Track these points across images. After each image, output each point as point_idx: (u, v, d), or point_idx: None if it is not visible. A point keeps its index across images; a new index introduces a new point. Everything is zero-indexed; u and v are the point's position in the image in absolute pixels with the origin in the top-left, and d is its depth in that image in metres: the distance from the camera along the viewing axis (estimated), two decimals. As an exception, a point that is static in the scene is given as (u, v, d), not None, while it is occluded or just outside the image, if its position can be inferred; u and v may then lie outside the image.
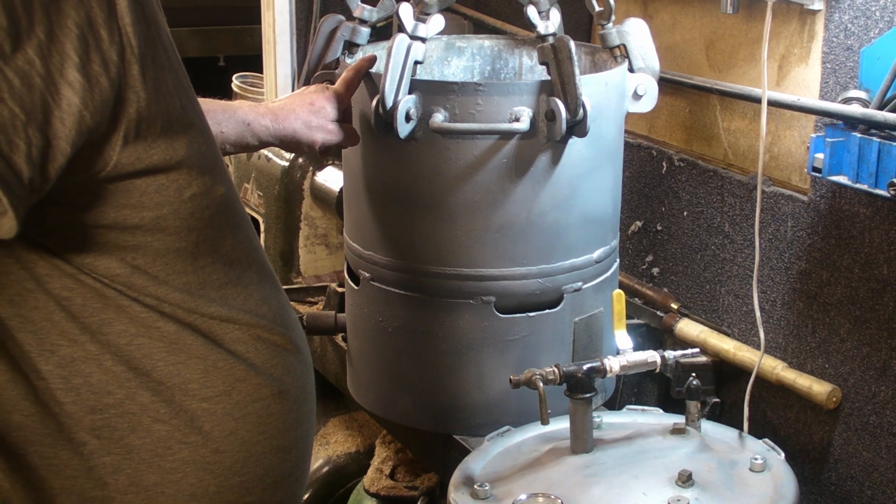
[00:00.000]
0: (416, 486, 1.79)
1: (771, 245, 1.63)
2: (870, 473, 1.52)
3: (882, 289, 1.45)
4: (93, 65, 0.79)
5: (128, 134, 0.83)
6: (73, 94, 0.78)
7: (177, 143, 0.87)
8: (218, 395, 0.94)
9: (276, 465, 1.00)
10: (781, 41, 1.57)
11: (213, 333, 0.94)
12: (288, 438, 1.01)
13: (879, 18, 1.41)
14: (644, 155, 1.89)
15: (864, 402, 1.51)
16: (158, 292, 0.90)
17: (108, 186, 0.85)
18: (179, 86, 0.89)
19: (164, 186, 0.88)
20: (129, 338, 0.90)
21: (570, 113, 1.37)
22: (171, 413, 0.92)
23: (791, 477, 1.28)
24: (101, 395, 0.90)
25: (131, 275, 0.89)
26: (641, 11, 1.84)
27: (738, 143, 1.70)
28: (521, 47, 1.78)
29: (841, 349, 1.54)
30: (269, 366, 0.98)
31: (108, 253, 0.88)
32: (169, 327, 0.91)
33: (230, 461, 0.95)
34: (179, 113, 0.88)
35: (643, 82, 1.55)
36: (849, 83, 1.45)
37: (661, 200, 1.86)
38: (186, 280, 0.92)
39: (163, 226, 0.89)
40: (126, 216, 0.87)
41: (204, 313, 0.93)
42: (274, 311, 1.00)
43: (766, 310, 1.64)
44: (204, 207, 0.91)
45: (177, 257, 0.91)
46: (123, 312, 0.90)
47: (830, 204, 1.52)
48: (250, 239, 1.00)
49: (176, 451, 0.93)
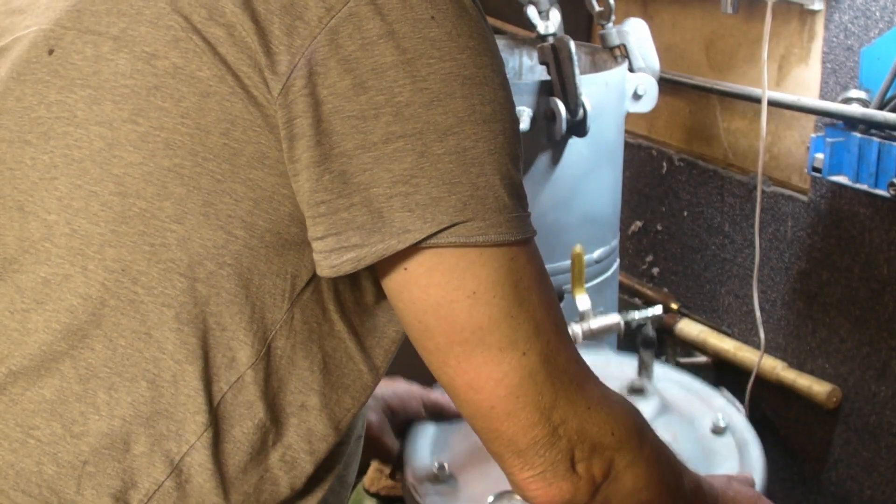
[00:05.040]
0: (416, 486, 1.79)
1: (771, 245, 1.63)
2: (870, 473, 1.52)
3: (882, 289, 1.45)
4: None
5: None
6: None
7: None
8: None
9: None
10: (781, 41, 1.57)
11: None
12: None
13: (879, 18, 1.41)
14: (644, 155, 1.89)
15: (864, 402, 1.51)
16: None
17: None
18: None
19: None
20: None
21: (570, 113, 1.37)
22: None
23: (753, 437, 1.25)
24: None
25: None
26: (641, 11, 1.84)
27: (738, 143, 1.70)
28: (521, 47, 1.78)
29: (841, 349, 1.54)
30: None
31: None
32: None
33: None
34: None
35: (643, 82, 1.55)
36: (849, 83, 1.45)
37: (661, 200, 1.86)
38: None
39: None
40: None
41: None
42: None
43: (766, 310, 1.64)
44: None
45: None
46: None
47: (830, 204, 1.52)
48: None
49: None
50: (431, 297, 0.73)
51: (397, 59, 0.69)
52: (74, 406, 0.76)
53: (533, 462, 0.77)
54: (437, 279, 0.72)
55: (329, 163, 0.70)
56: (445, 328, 0.73)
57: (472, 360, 0.74)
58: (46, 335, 0.76)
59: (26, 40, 0.81)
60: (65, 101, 0.76)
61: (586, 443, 0.78)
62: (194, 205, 0.73)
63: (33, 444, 0.77)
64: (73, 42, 0.77)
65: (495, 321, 0.73)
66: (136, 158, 0.73)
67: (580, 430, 0.77)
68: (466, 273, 0.72)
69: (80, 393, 0.76)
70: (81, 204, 0.74)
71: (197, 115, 0.72)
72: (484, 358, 0.74)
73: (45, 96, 0.77)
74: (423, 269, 0.72)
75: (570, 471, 0.78)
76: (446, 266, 0.72)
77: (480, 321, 0.73)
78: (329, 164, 0.70)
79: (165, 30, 0.73)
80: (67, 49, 0.77)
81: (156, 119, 0.72)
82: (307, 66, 0.70)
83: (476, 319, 0.73)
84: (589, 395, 0.79)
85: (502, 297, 0.73)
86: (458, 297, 0.72)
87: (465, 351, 0.74)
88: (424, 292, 0.73)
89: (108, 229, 0.74)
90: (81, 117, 0.75)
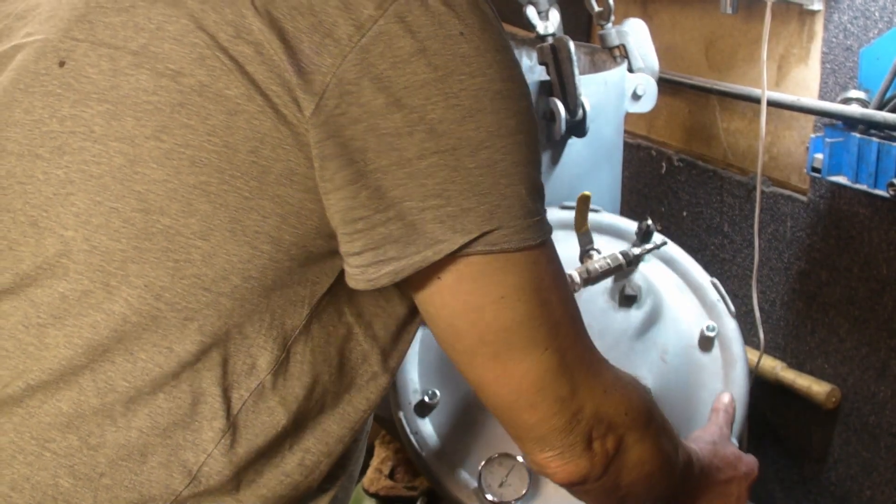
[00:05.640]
0: (415, 486, 1.79)
1: (770, 245, 1.63)
2: (869, 473, 1.52)
3: (881, 289, 1.45)
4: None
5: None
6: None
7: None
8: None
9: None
10: (781, 41, 1.57)
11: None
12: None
13: (879, 19, 1.41)
14: (643, 155, 1.89)
15: (863, 402, 1.51)
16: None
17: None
18: None
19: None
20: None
21: (570, 113, 1.37)
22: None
23: (739, 349, 1.27)
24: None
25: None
26: (641, 12, 1.84)
27: (737, 144, 1.70)
28: (521, 47, 1.78)
29: (840, 349, 1.54)
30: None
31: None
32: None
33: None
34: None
35: (642, 82, 1.55)
36: (848, 83, 1.45)
37: (660, 200, 1.86)
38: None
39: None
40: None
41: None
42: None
43: (766, 310, 1.64)
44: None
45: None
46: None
47: (830, 204, 1.52)
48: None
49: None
50: (461, 302, 0.76)
51: (429, 77, 0.70)
52: (91, 419, 0.76)
53: (553, 444, 0.82)
54: (467, 286, 0.75)
55: (365, 179, 0.71)
56: (474, 331, 0.77)
57: (498, 359, 0.77)
58: (67, 350, 0.75)
59: (30, 49, 0.79)
60: (80, 115, 0.75)
61: (602, 423, 0.83)
62: (220, 221, 0.73)
63: (49, 457, 0.76)
64: (86, 54, 0.76)
65: (520, 322, 0.76)
66: (159, 175, 0.73)
67: (597, 413, 0.82)
68: (494, 279, 0.75)
69: (97, 406, 0.76)
70: (101, 220, 0.74)
71: (224, 133, 0.72)
72: (509, 356, 0.77)
73: (57, 109, 0.76)
74: (453, 276, 0.75)
75: (587, 449, 0.83)
76: (476, 273, 0.74)
77: (507, 323, 0.76)
78: (365, 181, 0.71)
79: (191, 47, 0.72)
80: (80, 62, 0.76)
81: (181, 136, 0.72)
82: (340, 84, 0.70)
83: (503, 322, 0.76)
84: (604, 379, 0.84)
85: (527, 300, 0.76)
86: (486, 301, 0.75)
87: (491, 350, 0.77)
88: (455, 298, 0.76)
89: (131, 245, 0.74)
90: (99, 132, 0.74)
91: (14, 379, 0.76)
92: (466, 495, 1.21)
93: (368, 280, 0.75)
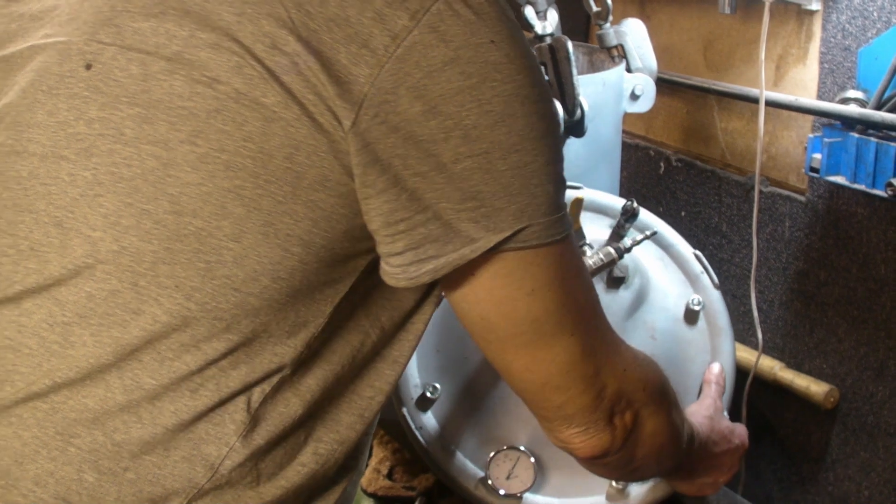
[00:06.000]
0: (413, 486, 1.79)
1: (768, 245, 1.63)
2: (867, 473, 1.52)
3: (879, 289, 1.45)
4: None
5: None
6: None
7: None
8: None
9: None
10: (779, 41, 1.57)
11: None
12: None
13: (877, 19, 1.41)
14: (642, 155, 1.89)
15: (861, 402, 1.51)
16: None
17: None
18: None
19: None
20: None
21: (568, 113, 1.37)
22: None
23: (725, 321, 1.30)
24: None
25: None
26: (639, 12, 1.84)
27: (735, 144, 1.70)
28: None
29: (838, 349, 1.54)
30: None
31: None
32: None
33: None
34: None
35: (641, 82, 1.55)
36: (846, 83, 1.45)
37: (658, 201, 1.86)
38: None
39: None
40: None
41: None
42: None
43: (764, 310, 1.64)
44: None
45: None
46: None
47: (828, 204, 1.52)
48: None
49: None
50: (495, 296, 0.79)
51: (463, 85, 0.73)
52: (117, 415, 0.77)
53: (579, 422, 0.87)
54: (500, 281, 0.79)
55: (404, 183, 0.74)
56: (506, 323, 0.81)
57: (529, 347, 0.82)
58: (96, 349, 0.77)
59: (52, 51, 0.80)
60: (109, 118, 0.76)
61: (622, 399, 0.88)
62: (253, 224, 0.75)
63: (73, 452, 0.77)
64: (114, 58, 0.77)
65: (549, 312, 0.81)
66: (193, 178, 0.74)
67: (618, 390, 0.88)
68: (526, 272, 0.78)
69: (123, 403, 0.77)
70: (132, 221, 0.75)
71: (260, 139, 0.74)
72: (539, 344, 0.82)
73: (83, 112, 0.77)
74: (487, 273, 0.78)
75: (609, 424, 0.88)
76: (509, 268, 0.78)
77: (537, 314, 0.80)
78: (404, 184, 0.74)
79: (228, 56, 0.74)
80: (108, 65, 0.77)
81: (216, 141, 0.74)
82: (378, 94, 0.72)
83: (534, 313, 0.80)
84: (624, 358, 0.89)
85: (555, 290, 0.80)
86: (518, 295, 0.79)
87: (522, 340, 0.82)
88: (489, 293, 0.79)
89: (162, 247, 0.75)
90: (130, 135, 0.75)
91: (39, 377, 0.77)
92: (474, 486, 1.23)
93: (409, 278, 0.78)
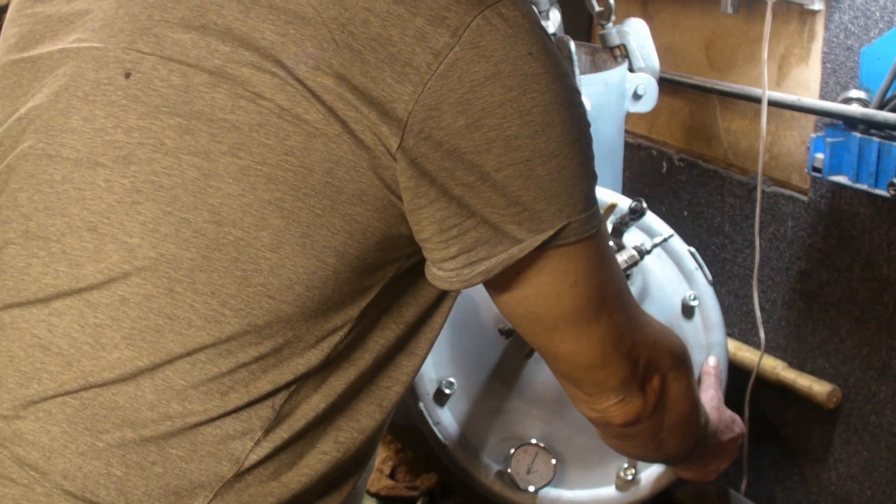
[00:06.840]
0: (416, 486, 1.79)
1: (771, 245, 1.63)
2: (870, 473, 1.52)
3: (882, 289, 1.45)
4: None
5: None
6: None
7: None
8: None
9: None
10: (781, 41, 1.57)
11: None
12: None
13: (879, 18, 1.41)
14: (644, 155, 1.89)
15: (864, 402, 1.51)
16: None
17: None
18: None
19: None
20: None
21: (570, 113, 1.37)
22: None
23: (717, 315, 1.37)
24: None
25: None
26: (641, 11, 1.84)
27: (738, 144, 1.70)
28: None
29: (841, 349, 1.54)
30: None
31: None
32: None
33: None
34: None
35: (643, 82, 1.55)
36: (849, 83, 1.45)
37: (661, 200, 1.86)
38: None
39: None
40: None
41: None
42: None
43: (767, 310, 1.64)
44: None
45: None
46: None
47: (830, 204, 1.52)
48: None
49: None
50: (541, 291, 0.84)
51: (504, 98, 0.76)
52: (147, 413, 0.79)
53: (618, 392, 0.93)
54: (545, 277, 0.83)
55: (451, 192, 0.77)
56: (552, 314, 0.86)
57: (573, 333, 0.87)
58: (129, 351, 0.78)
59: (87, 57, 0.81)
60: (149, 127, 0.77)
61: (652, 367, 0.95)
62: (292, 236, 0.77)
63: (102, 447, 0.79)
64: (154, 68, 0.78)
65: (590, 299, 0.86)
66: (234, 190, 0.76)
67: (650, 360, 0.94)
68: (568, 267, 0.83)
69: (153, 402, 0.79)
70: (171, 230, 0.76)
71: (302, 154, 0.75)
72: (583, 329, 0.87)
73: (122, 120, 0.78)
74: (533, 270, 0.83)
75: (642, 391, 0.95)
76: (553, 264, 0.83)
77: (581, 303, 0.85)
78: (452, 193, 0.77)
79: (270, 76, 0.76)
80: (148, 74, 0.78)
81: (258, 154, 0.76)
82: (422, 111, 0.75)
83: (578, 302, 0.85)
84: (653, 329, 0.96)
85: (595, 279, 0.85)
86: (563, 287, 0.84)
87: (567, 327, 0.87)
88: (535, 289, 0.84)
89: (200, 255, 0.76)
90: (171, 145, 0.77)
91: (70, 377, 0.79)
92: (491, 480, 1.24)
93: (463, 280, 0.82)
